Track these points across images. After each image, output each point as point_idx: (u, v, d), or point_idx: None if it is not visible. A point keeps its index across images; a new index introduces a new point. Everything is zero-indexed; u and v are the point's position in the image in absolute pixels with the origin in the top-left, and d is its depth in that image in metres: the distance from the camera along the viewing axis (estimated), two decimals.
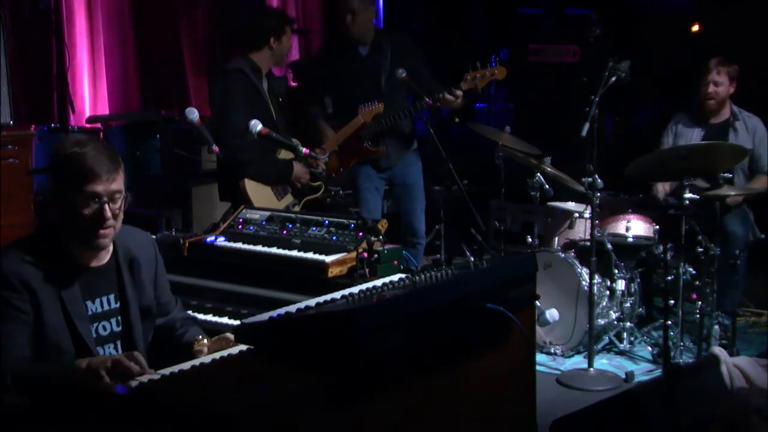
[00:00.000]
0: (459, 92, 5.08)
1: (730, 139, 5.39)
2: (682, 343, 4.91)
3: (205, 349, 2.90)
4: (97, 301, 2.80)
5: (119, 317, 2.85)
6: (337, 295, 2.80)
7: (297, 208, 4.94)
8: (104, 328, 2.81)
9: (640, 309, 5.34)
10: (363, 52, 5.36)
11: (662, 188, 5.55)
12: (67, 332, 2.69)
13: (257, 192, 4.82)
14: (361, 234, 3.61)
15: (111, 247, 2.85)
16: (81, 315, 2.73)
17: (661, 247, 5.09)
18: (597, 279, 4.96)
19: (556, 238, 5.54)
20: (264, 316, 2.60)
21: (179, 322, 3.09)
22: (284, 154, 4.91)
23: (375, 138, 5.31)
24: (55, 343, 2.66)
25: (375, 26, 5.39)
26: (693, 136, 5.53)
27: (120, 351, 2.84)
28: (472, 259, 5.66)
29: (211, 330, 3.43)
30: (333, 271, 3.53)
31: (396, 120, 5.21)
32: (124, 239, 2.90)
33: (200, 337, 2.98)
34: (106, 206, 2.69)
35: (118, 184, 2.72)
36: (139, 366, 2.49)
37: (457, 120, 5.30)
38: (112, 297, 2.84)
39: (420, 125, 5.92)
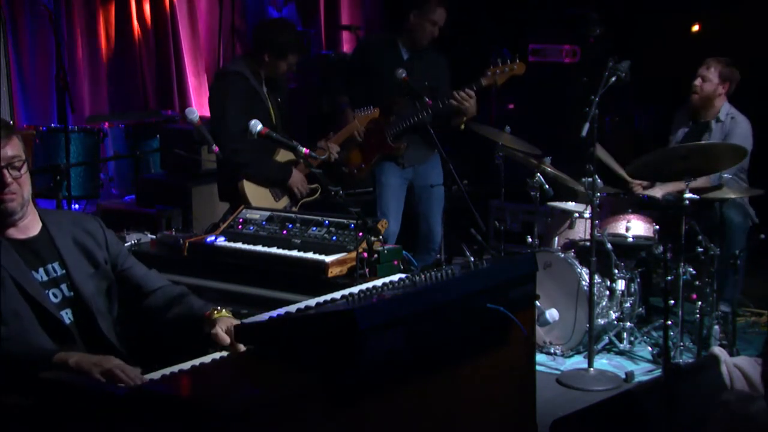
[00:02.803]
0: (471, 92, 5.12)
1: (704, 140, 5.34)
2: (682, 343, 4.91)
3: (224, 326, 2.80)
4: (41, 270, 2.81)
5: (68, 283, 2.85)
6: (337, 295, 2.80)
7: (294, 209, 4.95)
8: (55, 295, 2.81)
9: (640, 309, 5.34)
10: (405, 55, 5.42)
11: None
12: (22, 298, 2.70)
13: (255, 193, 4.83)
14: (361, 234, 3.61)
15: (38, 222, 2.87)
16: (29, 281, 2.74)
17: (661, 247, 5.09)
18: (597, 279, 4.96)
19: (556, 238, 5.54)
20: (264, 316, 2.60)
21: (176, 294, 3.03)
22: (283, 155, 4.91)
23: (398, 135, 5.34)
24: (12, 310, 2.67)
25: None
26: (679, 134, 5.54)
27: (76, 316, 2.83)
28: (472, 259, 5.65)
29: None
30: (333, 271, 3.54)
31: (418, 118, 5.23)
32: (55, 216, 2.94)
33: (219, 308, 2.91)
34: (5, 171, 2.69)
35: (13, 149, 2.72)
36: (130, 377, 2.49)
37: (462, 127, 5.28)
38: (57, 264, 2.85)
39: None
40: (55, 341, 2.71)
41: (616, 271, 5.19)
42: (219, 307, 2.92)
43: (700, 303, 4.88)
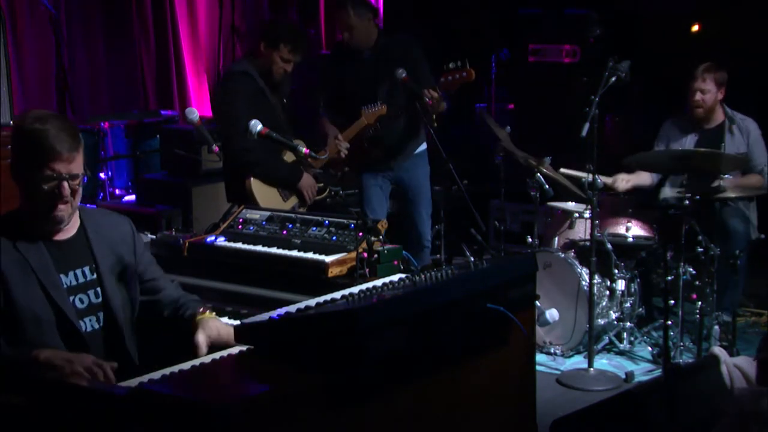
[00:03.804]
0: (435, 93, 5.02)
1: (726, 143, 5.38)
2: (682, 343, 4.91)
3: (211, 323, 2.86)
4: (71, 273, 2.80)
5: (98, 289, 2.84)
6: (337, 295, 2.80)
7: (303, 210, 4.95)
8: (81, 301, 2.80)
9: (640, 309, 5.34)
10: (366, 55, 5.35)
11: (623, 181, 5.51)
12: (46, 302, 2.70)
13: (263, 192, 4.83)
14: (361, 234, 3.61)
15: (77, 221, 2.86)
16: (56, 285, 2.73)
17: (661, 247, 5.09)
18: (597, 279, 4.97)
19: (556, 238, 5.54)
20: (264, 316, 2.60)
21: (180, 301, 3.06)
22: (290, 156, 4.91)
23: (373, 140, 5.31)
24: (33, 314, 2.67)
25: (377, 29, 5.37)
26: (686, 141, 5.52)
27: (101, 323, 2.83)
28: (472, 259, 5.65)
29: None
30: (333, 271, 3.53)
31: (391, 121, 5.20)
32: (94, 217, 2.92)
33: (201, 309, 2.95)
34: (65, 183, 2.70)
35: (78, 164, 2.73)
36: (105, 375, 2.49)
37: (435, 125, 5.17)
38: (87, 269, 2.84)
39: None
40: (70, 348, 2.69)
41: (616, 271, 5.19)
42: (201, 309, 2.94)
43: (700, 303, 4.88)
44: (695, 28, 7.63)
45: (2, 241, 2.71)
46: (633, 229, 5.30)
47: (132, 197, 6.64)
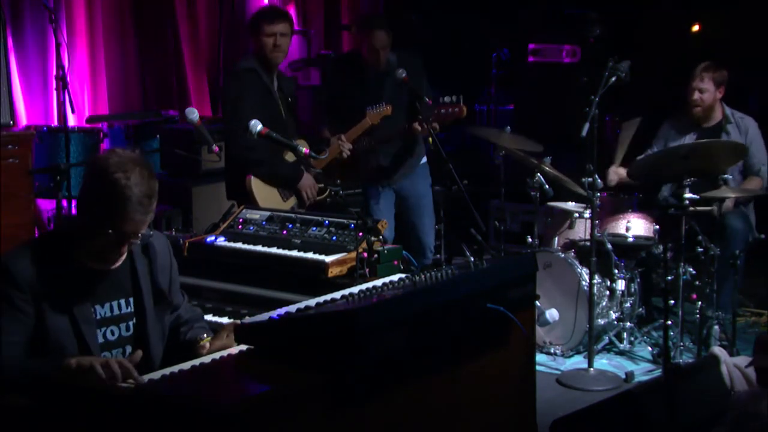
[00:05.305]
0: (436, 126, 5.04)
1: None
2: (682, 343, 4.90)
3: (207, 345, 2.85)
4: (107, 305, 2.75)
5: (131, 322, 2.79)
6: (337, 295, 2.80)
7: (302, 209, 4.94)
8: (112, 333, 2.75)
9: (640, 309, 5.34)
10: (372, 69, 5.34)
11: (614, 175, 5.49)
12: (72, 335, 2.65)
13: (263, 192, 4.83)
14: (361, 234, 3.61)
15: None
16: (87, 319, 2.68)
17: (661, 247, 5.09)
18: (597, 279, 4.96)
19: (556, 238, 5.54)
20: (264, 316, 2.60)
21: (184, 318, 3.04)
22: (291, 156, 4.91)
23: (370, 151, 5.30)
24: (59, 345, 2.62)
25: None
26: (685, 141, 5.51)
27: (125, 356, 2.75)
28: (472, 259, 5.65)
29: (212, 329, 3.44)
30: (333, 271, 3.54)
31: (388, 137, 5.20)
32: (140, 246, 2.83)
33: (204, 335, 2.92)
34: (127, 243, 2.66)
35: (146, 223, 2.68)
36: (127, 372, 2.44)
37: (430, 140, 5.17)
38: (123, 302, 2.79)
39: None
40: None
41: (616, 271, 5.18)
42: (204, 335, 2.91)
43: (700, 303, 4.88)
44: (695, 28, 7.64)
45: (44, 266, 2.63)
46: (633, 229, 5.30)
47: None
